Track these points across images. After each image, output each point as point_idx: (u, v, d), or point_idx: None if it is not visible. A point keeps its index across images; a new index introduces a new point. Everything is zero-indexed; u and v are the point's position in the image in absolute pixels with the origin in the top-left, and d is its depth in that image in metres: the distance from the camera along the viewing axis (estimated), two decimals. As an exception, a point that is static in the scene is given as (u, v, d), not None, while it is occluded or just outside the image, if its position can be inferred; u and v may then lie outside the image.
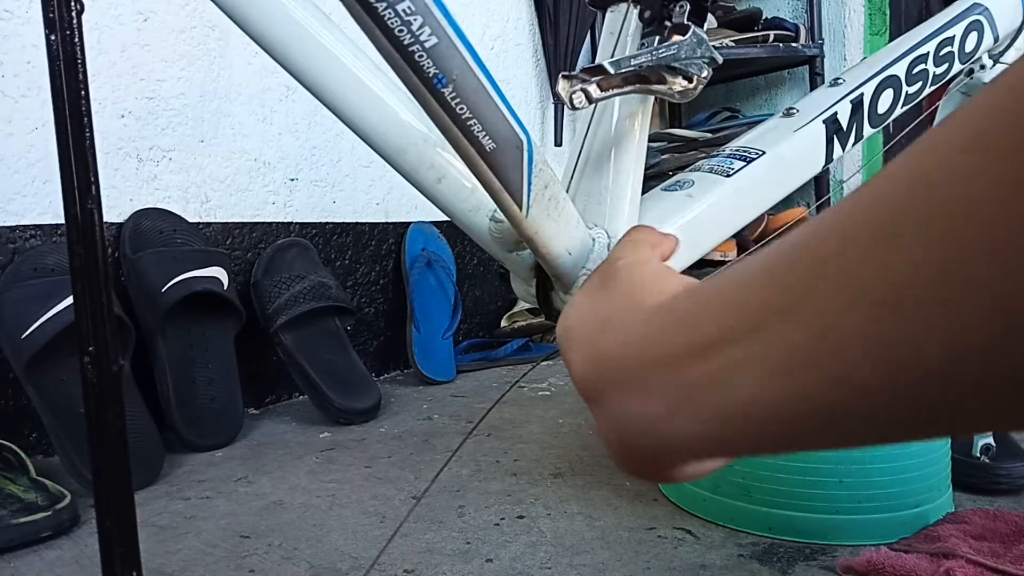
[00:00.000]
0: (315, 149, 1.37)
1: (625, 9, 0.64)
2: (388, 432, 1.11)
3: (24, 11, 0.98)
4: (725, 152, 0.74)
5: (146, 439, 0.92)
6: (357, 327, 1.41)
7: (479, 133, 0.45)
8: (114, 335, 0.46)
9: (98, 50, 1.05)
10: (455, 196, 0.62)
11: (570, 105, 0.52)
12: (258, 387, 1.26)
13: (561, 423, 1.12)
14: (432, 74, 0.42)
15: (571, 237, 0.56)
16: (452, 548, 0.71)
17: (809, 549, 0.69)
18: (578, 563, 0.67)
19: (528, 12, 1.85)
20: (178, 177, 1.16)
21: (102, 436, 0.46)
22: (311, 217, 1.36)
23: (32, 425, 0.97)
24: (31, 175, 0.99)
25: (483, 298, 1.73)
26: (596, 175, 0.63)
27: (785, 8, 2.15)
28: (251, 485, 0.90)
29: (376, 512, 0.80)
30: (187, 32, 1.16)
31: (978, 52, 0.88)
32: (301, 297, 1.17)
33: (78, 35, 0.45)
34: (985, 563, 0.59)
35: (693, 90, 0.57)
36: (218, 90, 1.21)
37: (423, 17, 0.40)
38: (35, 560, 0.71)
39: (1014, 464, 0.81)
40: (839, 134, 0.77)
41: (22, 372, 0.86)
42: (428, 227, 1.56)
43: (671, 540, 0.72)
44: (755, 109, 2.20)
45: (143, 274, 1.02)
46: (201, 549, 0.72)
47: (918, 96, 0.84)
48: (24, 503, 0.76)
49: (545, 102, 1.91)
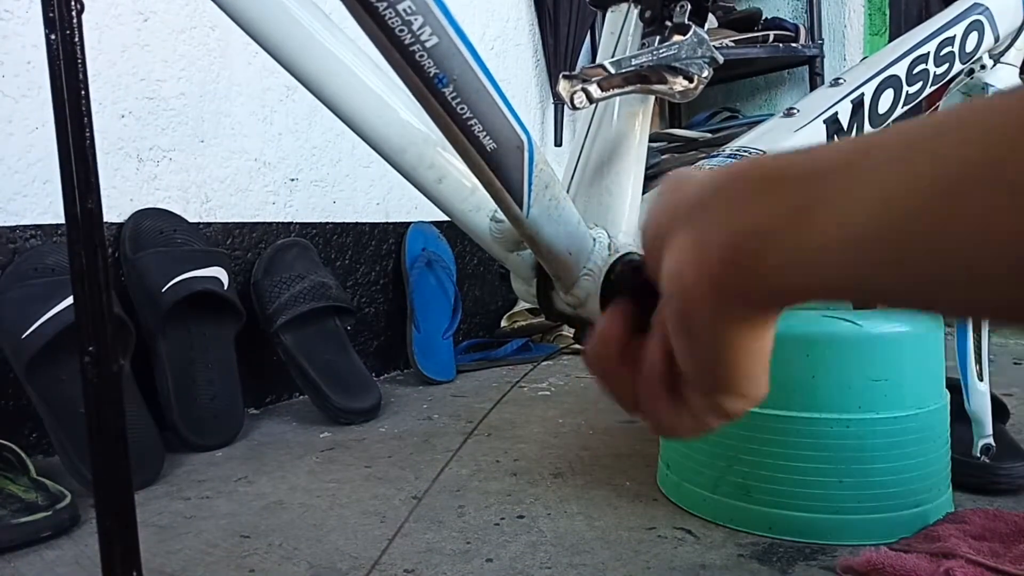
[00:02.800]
0: (315, 149, 1.37)
1: (626, 9, 0.65)
2: (388, 432, 1.11)
3: (24, 11, 0.98)
4: (725, 152, 0.74)
5: (146, 439, 0.92)
6: (357, 327, 1.41)
7: (480, 133, 0.45)
8: (114, 335, 0.46)
9: (98, 50, 1.05)
10: (455, 196, 0.62)
11: (571, 105, 0.52)
12: (258, 387, 1.26)
13: (561, 423, 1.12)
14: (433, 74, 0.42)
15: (571, 237, 0.56)
16: (452, 548, 0.71)
17: (809, 549, 0.69)
18: (578, 563, 0.67)
19: (528, 12, 1.85)
20: (178, 177, 1.16)
21: (102, 436, 0.46)
22: (311, 217, 1.36)
23: (32, 425, 0.97)
24: (31, 175, 0.99)
25: (483, 298, 1.73)
26: (596, 175, 0.63)
27: (785, 8, 2.15)
28: (251, 485, 0.90)
29: (376, 512, 0.80)
30: (187, 32, 1.16)
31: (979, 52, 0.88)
32: (301, 297, 1.17)
33: (78, 35, 0.45)
34: (985, 563, 0.59)
35: (694, 90, 0.57)
36: (218, 90, 1.21)
37: (424, 17, 0.40)
38: (35, 560, 0.71)
39: (1014, 464, 0.81)
40: (839, 134, 0.77)
41: (22, 372, 0.86)
42: (428, 227, 1.56)
43: (671, 540, 0.72)
44: (755, 109, 2.20)
45: (143, 274, 1.02)
46: (201, 549, 0.72)
47: (918, 96, 0.84)
48: (24, 503, 0.76)
49: (545, 102, 1.91)
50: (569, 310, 0.61)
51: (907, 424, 0.71)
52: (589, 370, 0.32)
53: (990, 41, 0.88)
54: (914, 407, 0.71)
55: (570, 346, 1.62)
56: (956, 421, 0.78)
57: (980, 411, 0.83)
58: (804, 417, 0.70)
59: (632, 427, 1.06)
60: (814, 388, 0.70)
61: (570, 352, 1.62)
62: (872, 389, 0.70)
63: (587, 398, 1.26)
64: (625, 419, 1.09)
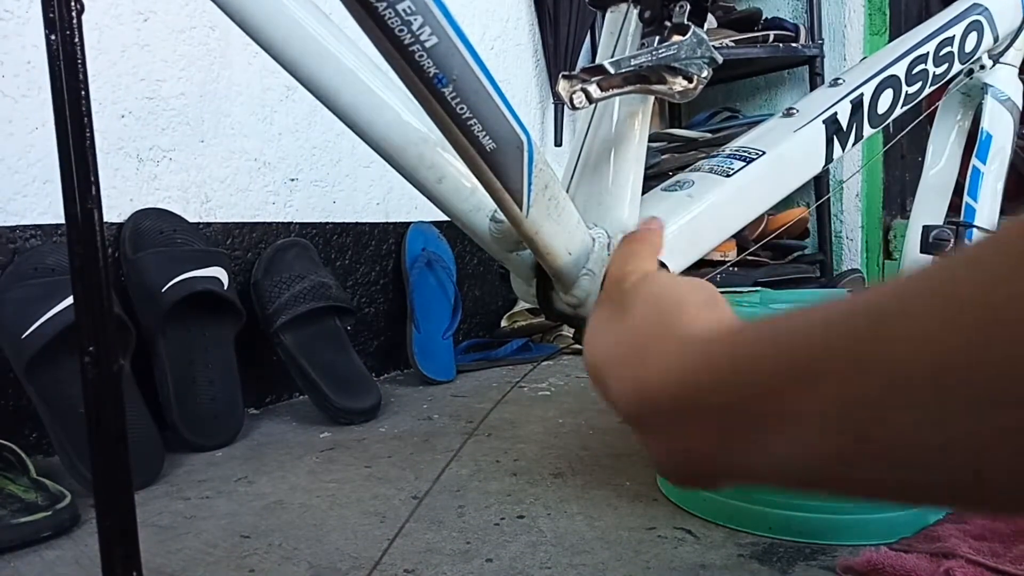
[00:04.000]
0: (315, 149, 1.37)
1: (625, 9, 0.65)
2: (388, 432, 1.11)
3: (24, 11, 0.98)
4: (725, 152, 0.74)
5: (146, 439, 0.92)
6: (357, 327, 1.41)
7: (479, 133, 0.45)
8: (114, 335, 0.46)
9: (98, 50, 1.05)
10: (455, 196, 0.62)
11: (570, 105, 0.52)
12: (258, 387, 1.26)
13: (561, 423, 1.12)
14: (432, 74, 0.42)
15: (571, 237, 0.56)
16: (452, 548, 0.71)
17: (809, 549, 0.69)
18: (578, 563, 0.67)
19: (528, 12, 1.85)
20: (178, 177, 1.16)
21: (102, 436, 0.46)
22: (311, 217, 1.36)
23: (32, 425, 0.97)
24: (31, 175, 0.99)
25: (483, 298, 1.73)
26: (596, 175, 0.63)
27: (785, 8, 2.15)
28: (251, 485, 0.90)
29: (376, 512, 0.80)
30: (187, 32, 1.16)
31: (978, 52, 0.88)
32: (301, 297, 1.17)
33: (78, 35, 0.45)
34: (985, 563, 0.59)
35: (693, 90, 0.57)
36: (218, 90, 1.21)
37: (423, 17, 0.40)
38: (35, 560, 0.71)
39: (1014, 464, 0.81)
40: (839, 134, 0.77)
41: (22, 372, 0.86)
42: (428, 227, 1.56)
43: (671, 540, 0.72)
44: (755, 109, 2.20)
45: (143, 274, 1.02)
46: (201, 549, 0.72)
47: (918, 96, 0.84)
48: (24, 503, 0.76)
49: (545, 102, 1.91)
50: (569, 310, 0.61)
51: (907, 424, 0.70)
52: None
53: (989, 41, 0.88)
54: (914, 407, 0.71)
55: (570, 346, 1.62)
56: (956, 421, 0.77)
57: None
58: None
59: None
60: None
61: (570, 352, 1.62)
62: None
63: (587, 398, 1.26)
64: (625, 419, 1.09)
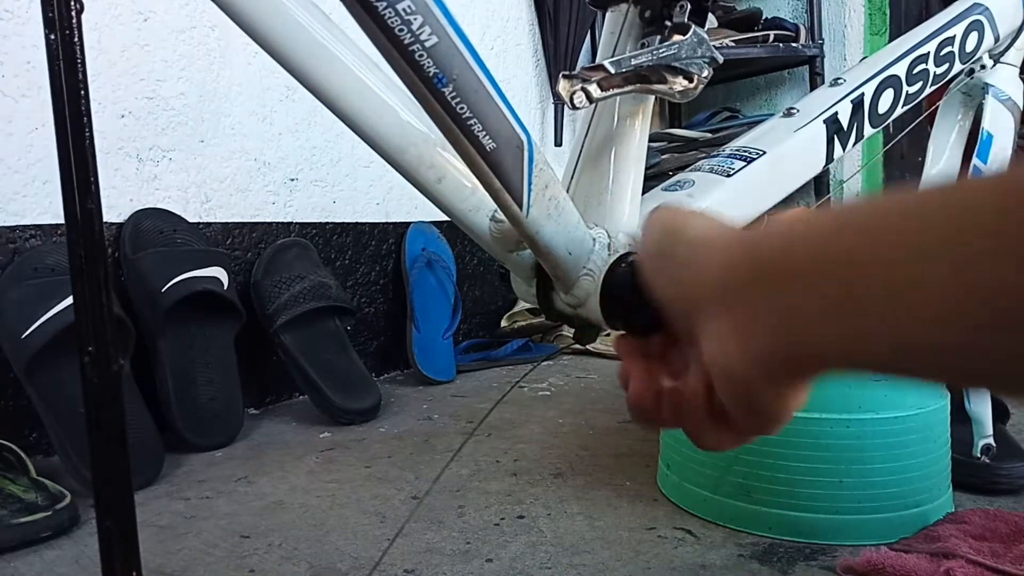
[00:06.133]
0: (315, 149, 1.37)
1: (625, 9, 0.64)
2: (388, 432, 1.11)
3: (24, 11, 0.98)
4: (725, 152, 0.74)
5: (146, 439, 0.92)
6: (357, 327, 1.41)
7: (479, 133, 0.45)
8: (114, 335, 0.46)
9: (98, 50, 1.05)
10: (455, 196, 0.61)
11: (571, 104, 0.52)
12: (258, 387, 1.26)
13: (561, 423, 1.12)
14: (432, 73, 0.42)
15: (571, 237, 0.56)
16: (452, 548, 0.71)
17: (809, 549, 0.69)
18: (578, 563, 0.67)
19: (528, 12, 1.85)
20: (178, 177, 1.16)
21: (102, 436, 0.46)
22: (311, 217, 1.36)
23: (32, 425, 0.97)
24: (31, 175, 0.99)
25: (483, 298, 1.73)
26: (596, 175, 0.63)
27: (785, 8, 2.15)
28: (251, 485, 0.90)
29: (376, 512, 0.80)
30: (187, 32, 1.16)
31: (979, 52, 0.88)
32: (301, 297, 1.17)
33: (78, 35, 0.45)
34: (985, 563, 0.59)
35: (693, 90, 0.57)
36: (218, 90, 1.21)
37: (423, 16, 0.40)
38: (35, 560, 0.71)
39: (1014, 464, 0.81)
40: (839, 134, 0.77)
41: (22, 372, 0.86)
42: (428, 227, 1.56)
43: (671, 540, 0.72)
44: (755, 109, 2.20)
45: (143, 274, 1.02)
46: (201, 549, 0.72)
47: (918, 96, 0.84)
48: (24, 503, 0.76)
49: (545, 102, 1.91)
50: (569, 310, 0.61)
51: (907, 424, 0.71)
52: (635, 422, 0.35)
53: (990, 41, 0.88)
54: (914, 407, 0.71)
55: (570, 346, 1.62)
56: (956, 421, 0.78)
57: (980, 411, 0.83)
58: (804, 417, 0.70)
59: (632, 427, 1.06)
60: (814, 388, 0.70)
61: (570, 352, 1.62)
62: (872, 389, 0.70)
63: (587, 398, 1.26)
64: (625, 419, 1.09)
